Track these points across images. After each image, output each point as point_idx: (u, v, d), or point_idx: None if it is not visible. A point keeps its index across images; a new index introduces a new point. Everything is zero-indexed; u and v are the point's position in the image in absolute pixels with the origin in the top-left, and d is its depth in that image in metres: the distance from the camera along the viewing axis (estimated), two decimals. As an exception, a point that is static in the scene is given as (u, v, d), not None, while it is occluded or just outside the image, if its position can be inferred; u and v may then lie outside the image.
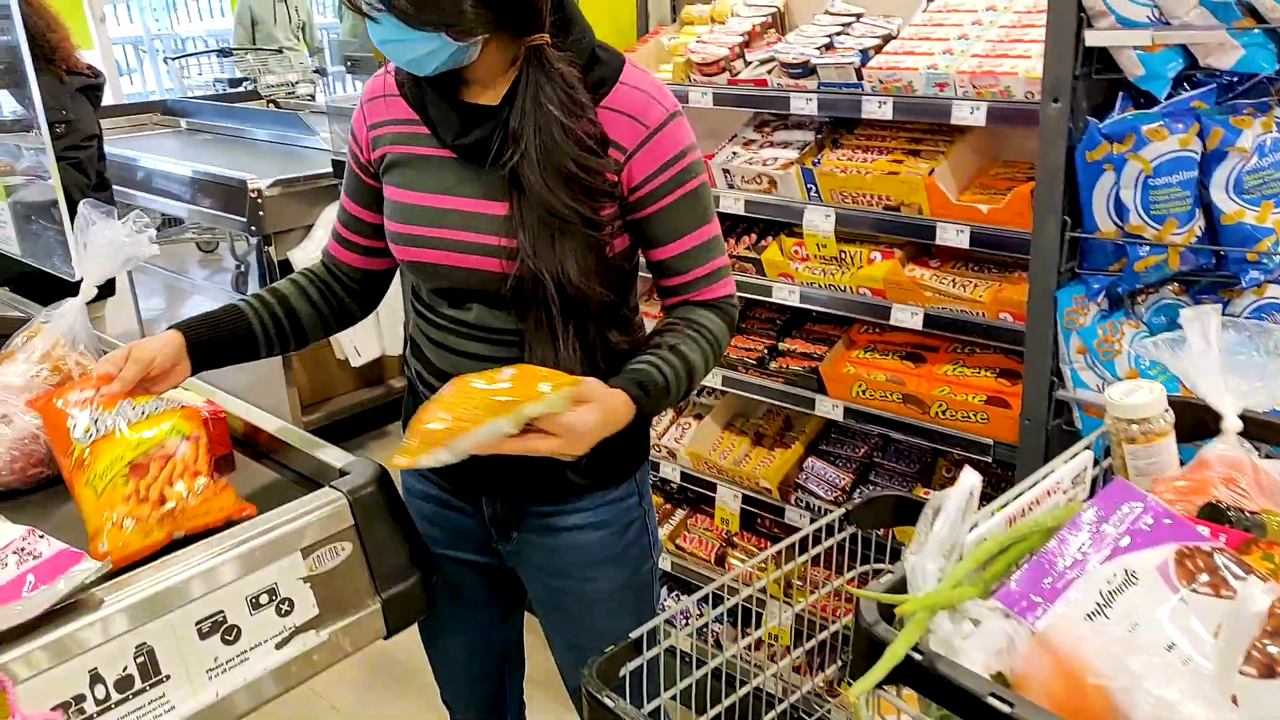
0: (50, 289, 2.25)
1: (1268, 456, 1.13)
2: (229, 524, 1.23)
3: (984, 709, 0.71)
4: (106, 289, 3.41)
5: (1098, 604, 0.85)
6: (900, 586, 0.88)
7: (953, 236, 1.78)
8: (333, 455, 1.38)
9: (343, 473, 1.32)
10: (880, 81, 1.83)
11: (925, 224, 1.83)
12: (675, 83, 2.18)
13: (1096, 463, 1.14)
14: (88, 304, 3.06)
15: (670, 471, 2.43)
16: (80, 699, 1.07)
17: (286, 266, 3.56)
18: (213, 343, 1.38)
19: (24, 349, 1.57)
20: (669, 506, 2.62)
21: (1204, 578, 0.85)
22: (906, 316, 1.89)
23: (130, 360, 1.30)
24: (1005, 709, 0.69)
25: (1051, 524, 0.97)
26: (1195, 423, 1.13)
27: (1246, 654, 0.76)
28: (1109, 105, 1.58)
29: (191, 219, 3.81)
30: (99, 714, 1.08)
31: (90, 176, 2.98)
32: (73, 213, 2.90)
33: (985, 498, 0.96)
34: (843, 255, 2.01)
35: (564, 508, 1.42)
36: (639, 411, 1.25)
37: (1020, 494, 1.01)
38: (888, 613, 0.84)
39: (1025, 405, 1.74)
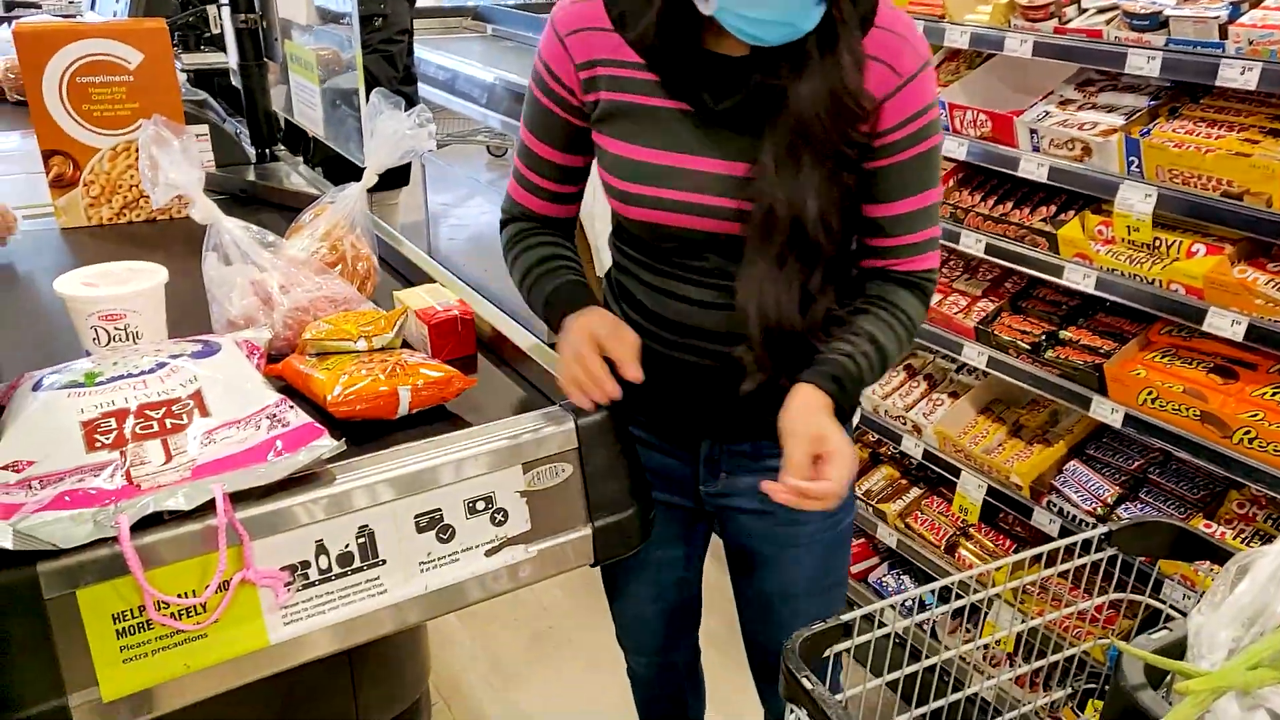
0: (354, 175, 2.41)
1: None
2: (454, 392, 1.28)
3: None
4: (401, 178, 3.62)
5: None
6: (1176, 649, 0.74)
7: (1305, 238, 1.50)
8: (568, 375, 1.37)
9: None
10: (1250, 42, 1.55)
11: (1274, 219, 1.55)
12: (991, 25, 1.97)
13: None
14: (383, 191, 3.28)
15: (912, 446, 2.28)
16: (305, 565, 1.12)
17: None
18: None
19: (310, 225, 1.67)
20: (904, 482, 2.47)
21: None
22: (1226, 324, 1.63)
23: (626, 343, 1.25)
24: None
25: (1389, 611, 0.79)
26: None
27: None
28: None
29: (487, 123, 3.96)
30: (320, 582, 1.13)
31: (398, 70, 3.14)
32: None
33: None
34: (1156, 243, 1.76)
35: (776, 449, 1.33)
36: (837, 404, 1.19)
37: (1352, 565, 0.82)
38: (1155, 676, 0.71)
39: (1362, 451, 1.46)
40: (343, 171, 2.39)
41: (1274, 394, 1.67)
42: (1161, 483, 1.99)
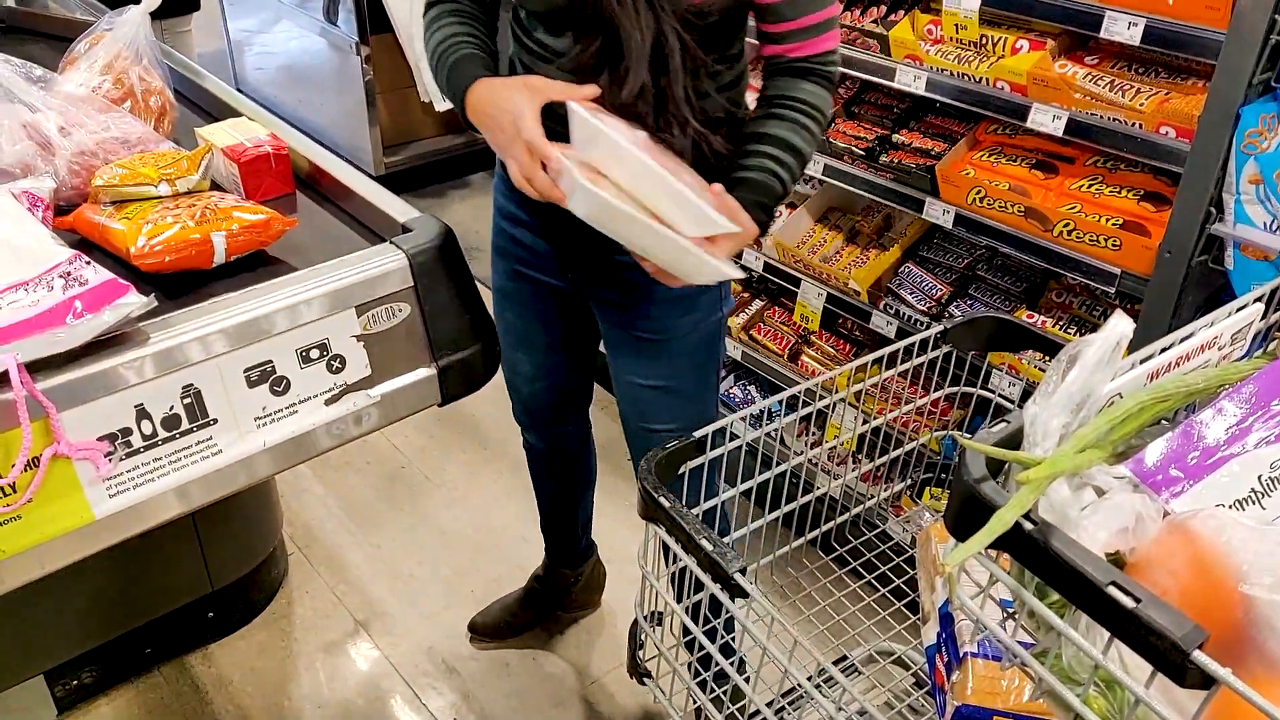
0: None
1: None
2: (274, 235, 1.20)
3: (1100, 598, 0.61)
4: (190, 3, 3.26)
5: (1253, 491, 0.72)
6: (1014, 440, 0.76)
7: (1123, 30, 1.52)
8: (398, 208, 1.28)
9: (406, 229, 1.22)
10: None
11: (1093, 11, 1.56)
12: None
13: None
14: (171, 17, 2.91)
15: (752, 260, 2.30)
16: (127, 432, 1.03)
17: (377, -2, 3.36)
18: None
19: (86, 56, 1.47)
20: (746, 295, 2.51)
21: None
22: (1047, 119, 1.67)
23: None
24: (1129, 603, 0.59)
25: (1202, 386, 0.84)
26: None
27: None
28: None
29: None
30: (145, 448, 1.05)
31: None
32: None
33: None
34: (984, 41, 1.76)
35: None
36: (763, 229, 1.28)
37: (1168, 346, 0.87)
38: (994, 467, 0.74)
39: (1170, 235, 1.55)
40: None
41: (1089, 186, 1.74)
42: (988, 278, 2.08)
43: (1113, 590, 0.59)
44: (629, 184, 1.16)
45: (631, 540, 1.87)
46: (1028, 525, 0.64)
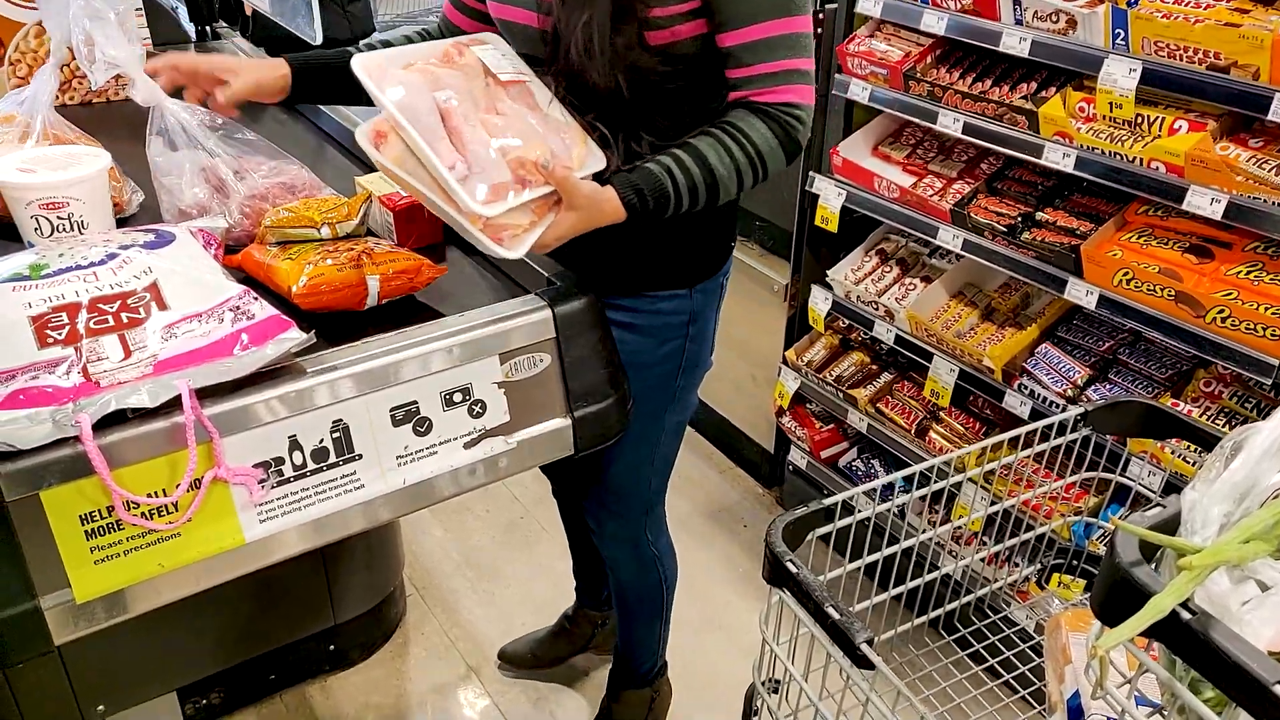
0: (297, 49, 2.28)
1: None
2: (424, 280, 1.26)
3: (1264, 697, 0.57)
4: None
5: None
6: (1170, 525, 0.73)
7: (1292, 111, 1.47)
8: (543, 262, 1.32)
9: (550, 282, 1.26)
10: (1242, -93, 1.49)
11: (1260, 92, 1.51)
12: (975, -108, 1.88)
13: None
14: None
15: (884, 332, 2.27)
16: (279, 461, 1.09)
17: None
18: (317, 71, 1.43)
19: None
20: (874, 367, 2.47)
21: None
22: (1205, 202, 1.61)
23: (241, 78, 1.36)
24: (1298, 707, 0.55)
25: (1379, 484, 0.79)
26: None
27: None
28: None
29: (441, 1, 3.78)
30: (295, 478, 1.10)
31: None
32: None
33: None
34: (1139, 120, 1.72)
35: (611, 301, 1.39)
36: (633, 218, 1.22)
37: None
38: (1149, 553, 0.71)
39: (1336, 328, 1.46)
40: (285, 48, 2.28)
41: (1248, 272, 1.67)
42: (1130, 363, 2.00)
43: (1281, 691, 0.56)
44: (404, 150, 1.13)
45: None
46: (1186, 614, 0.62)
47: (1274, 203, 1.56)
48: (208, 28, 2.25)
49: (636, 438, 1.50)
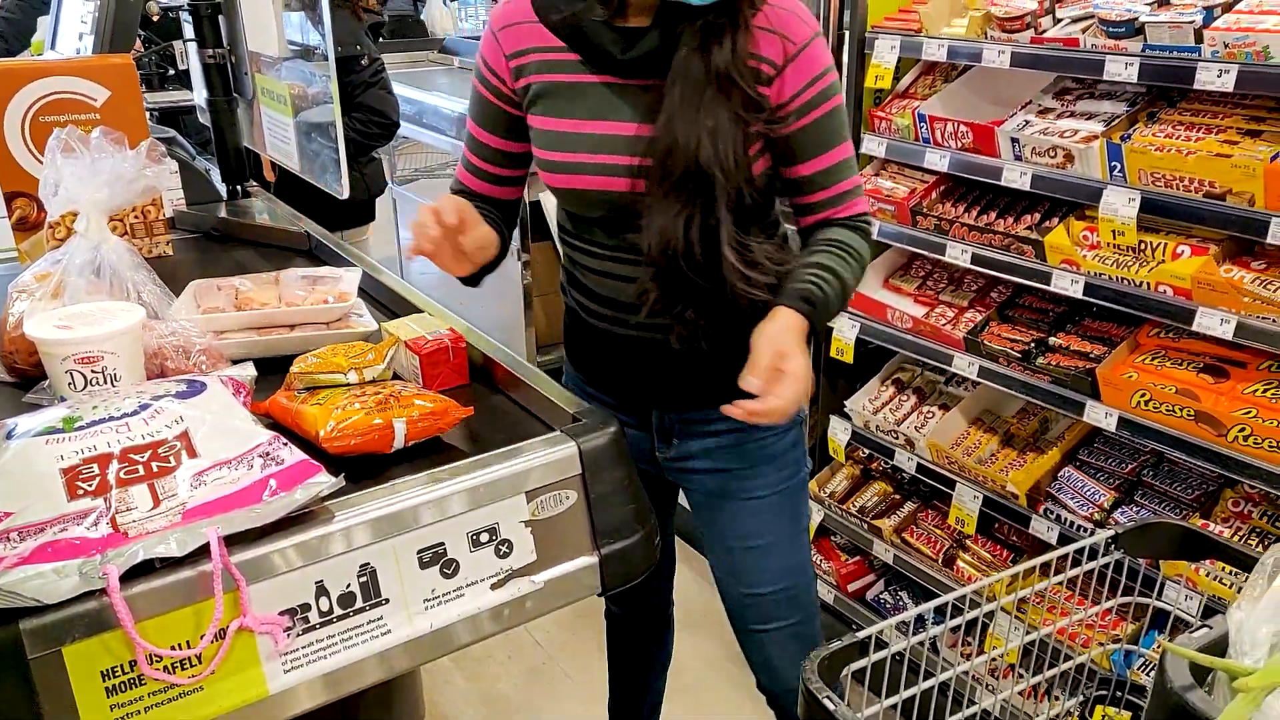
0: (321, 205, 2.37)
1: None
2: (450, 422, 1.26)
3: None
4: (367, 213, 3.56)
5: None
6: (1217, 646, 0.72)
7: (1291, 233, 1.50)
8: (567, 400, 1.34)
9: (576, 419, 1.28)
10: (1225, 45, 1.57)
11: (1257, 217, 1.56)
12: (968, 38, 1.98)
13: None
14: (351, 228, 3.24)
15: (905, 461, 2.27)
16: (305, 608, 1.08)
17: (537, 209, 3.63)
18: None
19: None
20: (897, 497, 2.45)
21: None
22: (1215, 323, 1.63)
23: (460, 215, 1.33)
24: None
25: None
26: None
27: None
28: None
29: (456, 153, 3.95)
30: (321, 625, 1.09)
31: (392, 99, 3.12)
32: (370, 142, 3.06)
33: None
34: (1142, 246, 1.76)
35: (721, 415, 1.41)
36: (810, 328, 1.28)
37: (1385, 557, 0.81)
38: (1200, 676, 0.69)
39: (1362, 443, 1.46)
40: (305, 201, 2.36)
41: (1265, 390, 1.67)
42: (1155, 484, 1.99)
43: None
44: None
45: None
46: (1248, 744, 0.60)
47: (1284, 322, 1.58)
48: (239, 186, 2.35)
49: (791, 534, 1.57)
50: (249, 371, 1.37)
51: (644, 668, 1.93)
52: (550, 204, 3.63)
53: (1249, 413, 1.65)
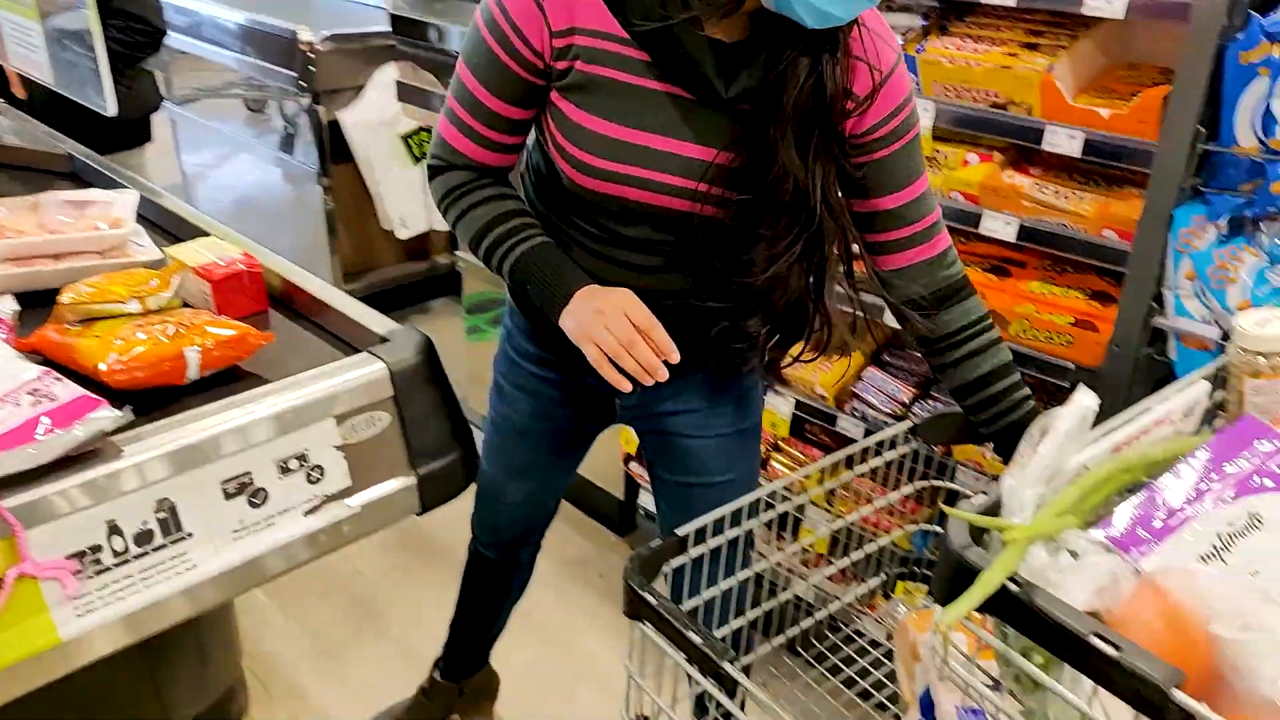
0: (87, 123, 2.13)
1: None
2: (249, 349, 1.21)
3: (1083, 649, 0.62)
4: (137, 135, 3.25)
5: (1214, 547, 0.75)
6: (993, 510, 0.79)
7: (1063, 142, 1.62)
8: (375, 321, 1.30)
9: (384, 340, 1.24)
10: (1001, -43, 1.64)
11: (1034, 126, 1.67)
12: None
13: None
14: (122, 151, 2.90)
15: (720, 371, 2.34)
16: (97, 549, 1.02)
17: (336, 129, 3.45)
18: None
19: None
20: (715, 407, 2.53)
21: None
22: (999, 225, 1.75)
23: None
24: (1111, 651, 0.60)
25: (1160, 457, 0.87)
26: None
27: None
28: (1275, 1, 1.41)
29: (242, 71, 3.68)
30: (116, 565, 1.03)
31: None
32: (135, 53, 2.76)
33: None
34: (938, 155, 1.86)
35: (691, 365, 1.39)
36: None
37: (1128, 421, 0.91)
38: (977, 537, 0.76)
39: (1118, 330, 1.61)
40: (68, 123, 2.13)
41: (1043, 288, 1.82)
42: (947, 381, 2.13)
43: (1096, 640, 0.61)
44: None
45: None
46: (1013, 587, 0.66)
47: (1057, 224, 1.72)
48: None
49: (748, 473, 1.56)
50: (8, 305, 1.26)
51: (499, 604, 1.92)
52: (352, 121, 3.47)
53: (1029, 308, 1.78)
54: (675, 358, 1.21)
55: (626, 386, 1.20)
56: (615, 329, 1.19)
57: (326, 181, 3.61)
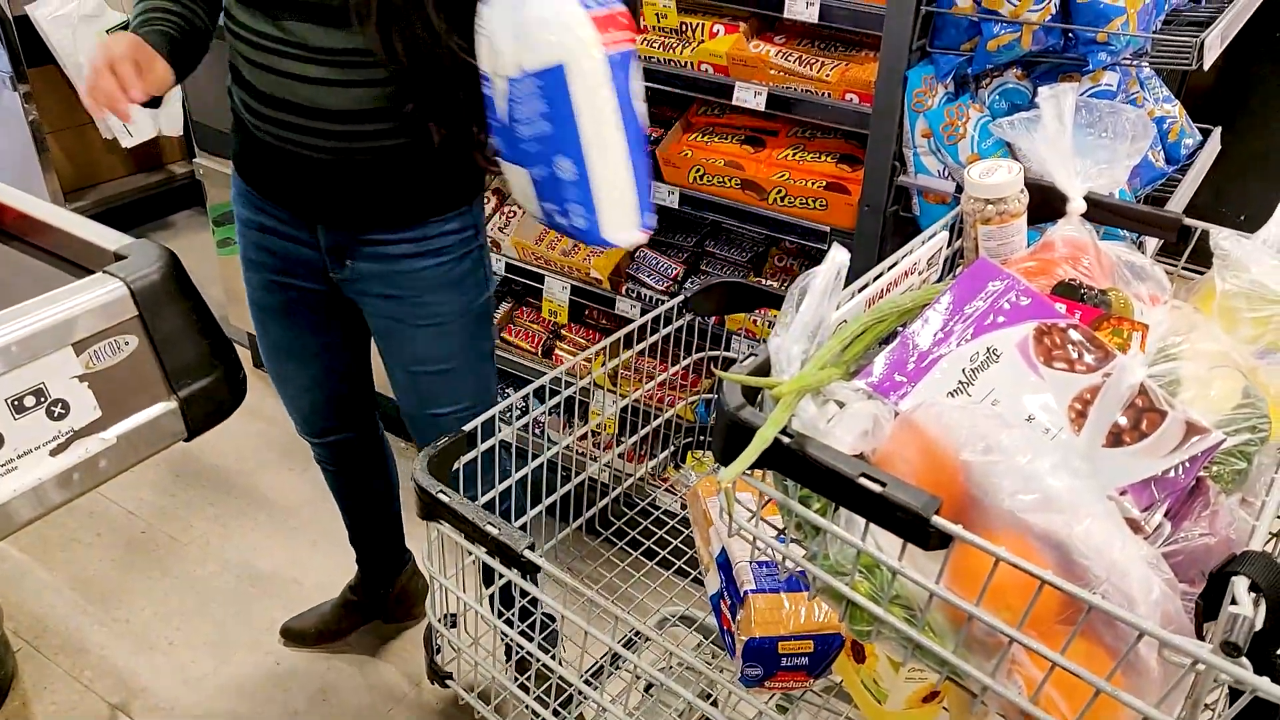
0: None
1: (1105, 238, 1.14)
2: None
3: (854, 490, 0.67)
4: None
5: (960, 382, 0.83)
6: (763, 370, 0.82)
7: (801, 9, 1.67)
8: (107, 238, 1.18)
9: (119, 257, 1.13)
10: None
11: (774, -9, 1.71)
12: None
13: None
14: None
15: (495, 264, 2.31)
16: None
17: (26, 23, 3.07)
18: (181, 40, 1.31)
19: None
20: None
21: (1060, 353, 0.84)
22: (750, 96, 1.79)
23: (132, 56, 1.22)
24: (877, 488, 0.66)
25: (910, 305, 0.94)
26: (1041, 205, 1.12)
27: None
28: None
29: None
30: None
31: None
32: None
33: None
34: (684, 28, 1.87)
35: (399, 235, 1.44)
36: None
37: (879, 275, 0.97)
38: (750, 396, 0.79)
39: (866, 191, 1.71)
40: None
41: (794, 154, 1.89)
42: (716, 253, 2.21)
43: (863, 480, 0.66)
44: None
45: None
46: (785, 439, 0.70)
47: (803, 90, 1.78)
48: None
49: (474, 358, 1.56)
50: None
51: (369, 499, 1.91)
52: (45, 16, 3.08)
53: (783, 175, 1.86)
54: (136, 94, 1.23)
55: (100, 115, 1.26)
56: (97, 60, 1.22)
57: (25, 88, 3.19)
